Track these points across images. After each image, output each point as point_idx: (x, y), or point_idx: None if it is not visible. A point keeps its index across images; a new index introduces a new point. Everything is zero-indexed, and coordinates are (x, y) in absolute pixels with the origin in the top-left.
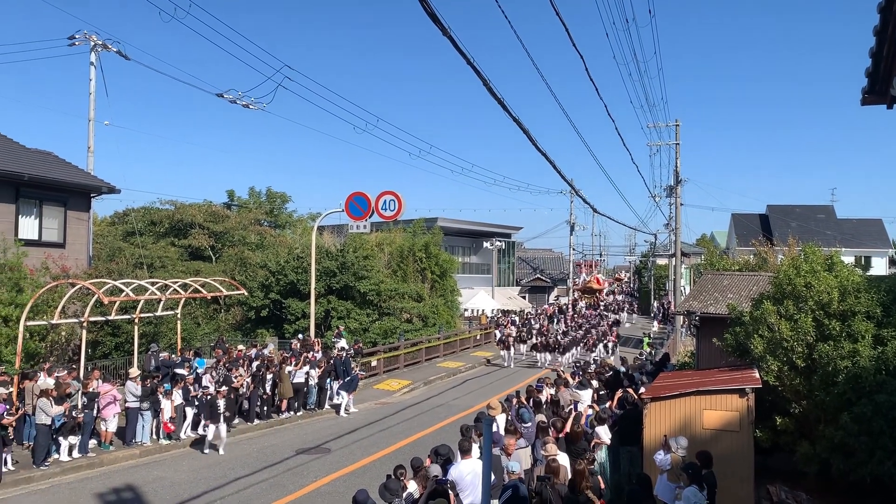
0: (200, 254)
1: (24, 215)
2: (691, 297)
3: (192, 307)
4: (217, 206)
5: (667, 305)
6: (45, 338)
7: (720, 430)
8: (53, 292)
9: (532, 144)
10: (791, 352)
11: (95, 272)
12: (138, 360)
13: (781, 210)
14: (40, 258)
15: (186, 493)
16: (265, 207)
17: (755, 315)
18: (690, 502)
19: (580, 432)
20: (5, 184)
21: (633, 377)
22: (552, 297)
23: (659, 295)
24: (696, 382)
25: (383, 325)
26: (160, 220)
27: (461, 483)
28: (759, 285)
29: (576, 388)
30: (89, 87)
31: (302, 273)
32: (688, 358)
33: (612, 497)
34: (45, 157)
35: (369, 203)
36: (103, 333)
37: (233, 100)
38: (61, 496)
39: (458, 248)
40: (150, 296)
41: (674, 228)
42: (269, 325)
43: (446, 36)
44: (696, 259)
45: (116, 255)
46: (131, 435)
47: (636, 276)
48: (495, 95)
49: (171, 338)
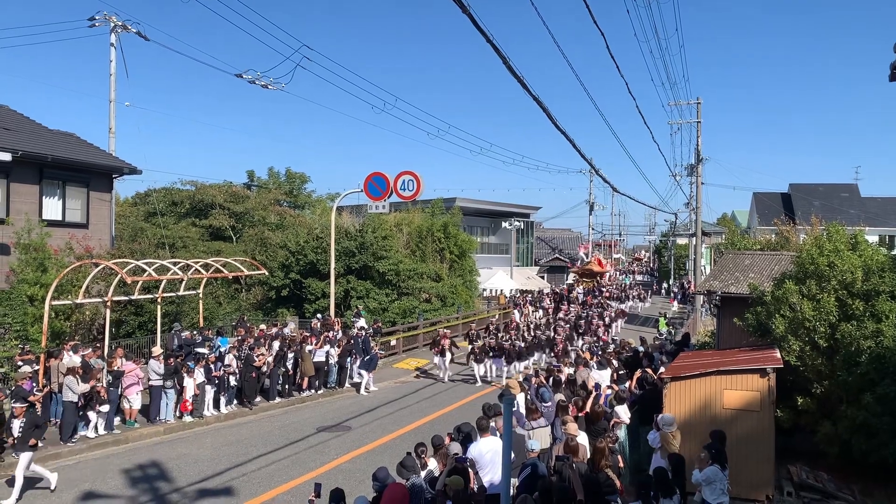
0: (221, 234)
1: (47, 196)
2: (712, 276)
3: (213, 287)
4: (237, 186)
5: (687, 285)
6: (70, 317)
7: (741, 410)
8: (77, 272)
9: (551, 122)
10: (813, 332)
11: (118, 252)
12: (161, 339)
13: (804, 189)
14: (64, 238)
15: (210, 469)
16: (284, 188)
17: (777, 295)
18: (711, 481)
19: (601, 412)
20: (29, 165)
21: (653, 357)
22: (570, 277)
23: (679, 275)
24: (717, 362)
25: (402, 305)
26: (181, 201)
27: (481, 461)
28: (780, 265)
29: (595, 367)
30: (110, 68)
31: (321, 253)
32: (708, 338)
33: (631, 476)
34: (67, 138)
35: (388, 183)
36: (126, 313)
37: (252, 80)
38: (88, 472)
39: (476, 227)
40: (172, 275)
41: (694, 208)
42: (289, 304)
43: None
44: (716, 239)
45: (139, 236)
46: (155, 412)
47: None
48: (515, 74)
49: (193, 317)
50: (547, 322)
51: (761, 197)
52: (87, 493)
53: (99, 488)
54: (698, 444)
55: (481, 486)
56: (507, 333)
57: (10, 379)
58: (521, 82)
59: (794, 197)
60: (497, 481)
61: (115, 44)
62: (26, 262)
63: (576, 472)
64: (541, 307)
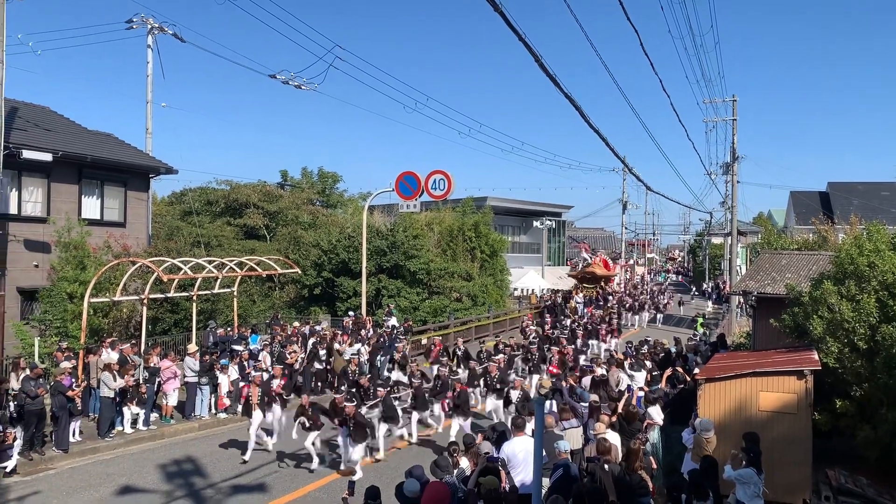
0: (255, 233)
1: (86, 195)
2: (748, 276)
3: (247, 285)
4: (271, 185)
5: (722, 285)
6: (108, 314)
7: (777, 413)
8: (115, 270)
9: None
10: (853, 333)
11: (155, 251)
12: (196, 337)
13: (843, 187)
14: (102, 237)
15: (245, 465)
16: (317, 187)
17: (815, 295)
18: (744, 482)
19: (636, 412)
20: (69, 165)
21: (687, 358)
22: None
23: (714, 275)
24: (753, 364)
25: (433, 304)
26: (216, 200)
27: (514, 460)
28: (818, 265)
29: (630, 369)
30: (146, 69)
31: (353, 252)
32: (743, 339)
33: (664, 478)
34: (105, 138)
35: (419, 182)
36: (163, 310)
37: (286, 80)
38: (125, 466)
39: (507, 227)
40: (207, 273)
41: (730, 206)
42: (321, 302)
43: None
44: (752, 238)
45: (174, 234)
46: (190, 409)
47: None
48: (547, 72)
49: (227, 315)
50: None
51: (799, 195)
52: (125, 486)
53: (136, 482)
54: (732, 446)
55: (513, 486)
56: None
57: (50, 374)
58: (554, 80)
59: (832, 195)
60: (529, 481)
61: (151, 45)
62: (66, 261)
63: (608, 474)
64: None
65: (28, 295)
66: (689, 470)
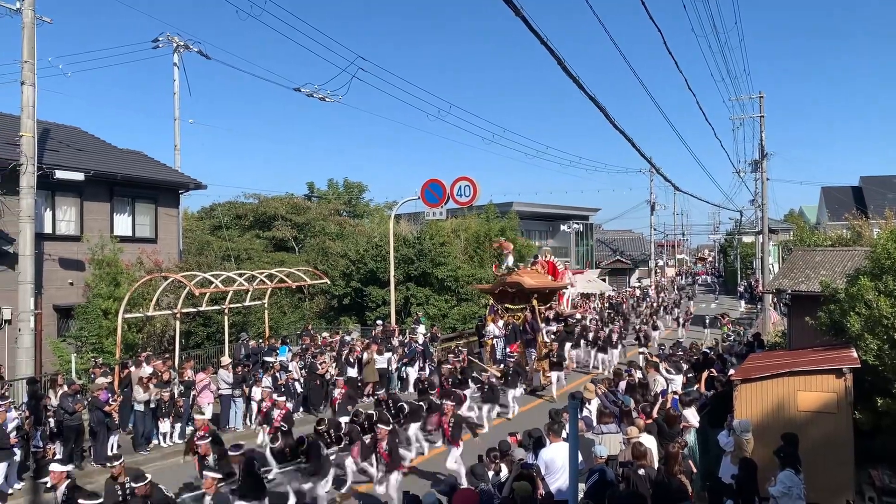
0: (284, 245)
1: (118, 213)
2: (781, 274)
3: (277, 297)
4: (298, 198)
5: (754, 284)
6: (142, 329)
7: (816, 412)
8: (148, 286)
9: (610, 122)
10: (892, 329)
11: (186, 265)
12: (229, 350)
13: (876, 181)
14: (135, 253)
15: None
16: (343, 198)
17: (851, 292)
18: (785, 486)
19: (676, 415)
20: (100, 184)
21: (724, 358)
22: (633, 280)
23: (745, 274)
24: (789, 363)
25: (462, 311)
26: (245, 214)
27: (551, 466)
28: (853, 261)
29: (667, 372)
30: (173, 87)
31: (381, 261)
32: (778, 338)
33: (702, 482)
34: (135, 156)
35: (444, 190)
36: (195, 324)
37: (310, 93)
38: (163, 479)
39: (534, 231)
40: (238, 287)
41: (760, 204)
42: (351, 312)
43: (519, 16)
44: (784, 236)
45: (205, 249)
46: (225, 421)
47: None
48: (570, 74)
49: (259, 327)
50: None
51: (830, 191)
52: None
53: (172, 495)
54: (771, 448)
55: (548, 493)
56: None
57: (87, 390)
58: (577, 82)
59: (865, 190)
60: (566, 488)
61: (177, 63)
62: (100, 277)
63: (643, 479)
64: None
65: (64, 312)
66: (734, 475)
